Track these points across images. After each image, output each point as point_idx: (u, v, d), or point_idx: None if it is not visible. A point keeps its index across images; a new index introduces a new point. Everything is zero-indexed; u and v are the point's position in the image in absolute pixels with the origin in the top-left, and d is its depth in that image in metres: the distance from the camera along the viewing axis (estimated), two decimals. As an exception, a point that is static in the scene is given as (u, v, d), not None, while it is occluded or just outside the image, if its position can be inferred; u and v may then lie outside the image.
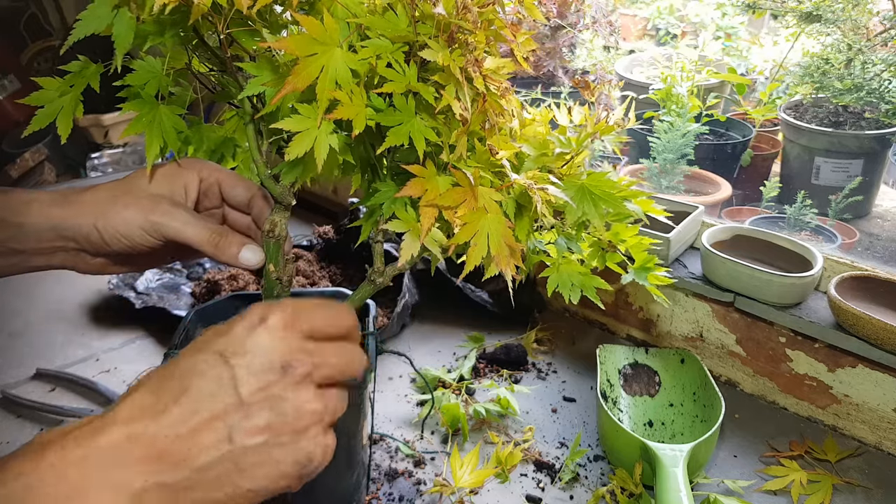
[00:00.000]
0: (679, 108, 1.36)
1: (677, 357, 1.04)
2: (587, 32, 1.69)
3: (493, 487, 0.91)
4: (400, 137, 0.50)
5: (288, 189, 0.61)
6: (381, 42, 0.48)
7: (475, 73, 0.48)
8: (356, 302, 0.71)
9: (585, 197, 0.60)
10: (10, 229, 0.61)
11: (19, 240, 0.61)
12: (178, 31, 0.50)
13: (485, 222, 0.51)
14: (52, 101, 0.53)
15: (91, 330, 1.27)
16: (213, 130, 0.61)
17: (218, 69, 0.55)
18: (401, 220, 0.55)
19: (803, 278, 0.97)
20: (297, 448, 0.46)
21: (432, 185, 0.51)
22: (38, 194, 0.62)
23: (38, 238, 0.62)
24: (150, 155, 0.53)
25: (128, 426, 0.44)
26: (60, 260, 0.66)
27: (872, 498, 0.90)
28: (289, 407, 0.46)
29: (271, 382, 0.46)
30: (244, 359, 0.46)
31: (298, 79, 0.44)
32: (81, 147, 1.82)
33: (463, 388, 1.07)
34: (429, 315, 1.30)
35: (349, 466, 0.76)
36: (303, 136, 0.47)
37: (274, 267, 0.65)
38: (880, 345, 0.89)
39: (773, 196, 1.31)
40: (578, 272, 0.66)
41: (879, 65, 1.23)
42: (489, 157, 0.54)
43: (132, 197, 0.59)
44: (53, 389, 1.10)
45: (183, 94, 0.56)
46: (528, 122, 0.63)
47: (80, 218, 0.60)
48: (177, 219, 0.59)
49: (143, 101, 0.53)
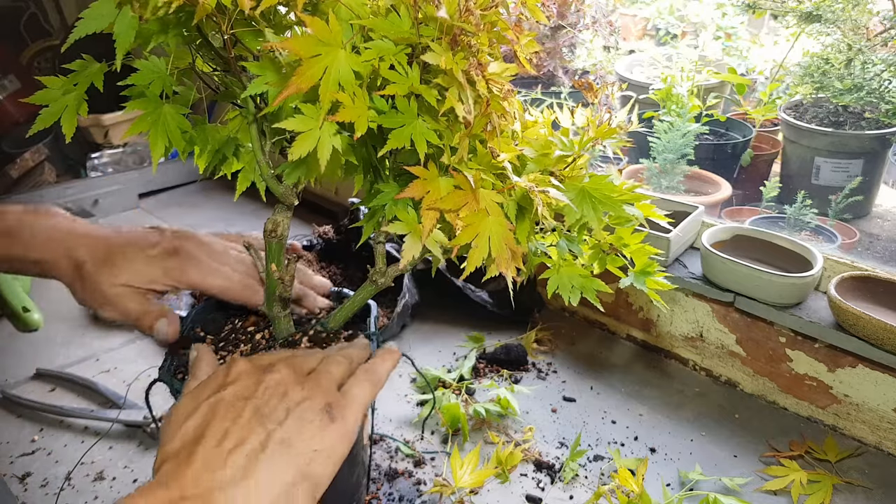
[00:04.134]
0: (679, 108, 1.36)
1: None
2: (587, 32, 1.69)
3: (493, 487, 0.91)
4: (402, 139, 0.50)
5: (291, 189, 0.61)
6: (384, 44, 0.48)
7: (478, 77, 0.48)
8: (358, 302, 0.72)
9: (585, 200, 0.60)
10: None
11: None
12: (182, 30, 0.50)
13: (486, 224, 0.52)
14: (57, 100, 0.53)
15: (91, 330, 1.27)
16: (217, 130, 0.61)
17: (222, 69, 0.55)
18: (402, 222, 0.55)
19: (803, 278, 0.97)
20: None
21: (434, 187, 0.51)
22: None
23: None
24: (155, 153, 0.53)
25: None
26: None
27: (872, 498, 0.90)
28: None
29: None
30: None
31: (302, 80, 0.44)
32: (81, 147, 1.82)
33: (463, 388, 1.07)
34: (429, 315, 1.30)
35: (349, 466, 0.76)
36: (306, 137, 0.48)
37: (276, 267, 0.65)
38: (880, 345, 0.89)
39: (773, 196, 1.31)
40: (579, 274, 0.66)
41: (879, 65, 1.23)
42: (490, 160, 0.54)
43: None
44: (53, 389, 1.10)
45: (186, 94, 0.56)
46: (530, 125, 0.63)
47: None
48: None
49: (147, 101, 0.53)
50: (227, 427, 0.51)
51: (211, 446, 0.49)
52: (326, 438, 0.53)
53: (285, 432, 0.51)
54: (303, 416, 0.53)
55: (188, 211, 1.82)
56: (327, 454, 0.52)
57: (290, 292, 0.68)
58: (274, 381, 0.55)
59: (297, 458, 0.51)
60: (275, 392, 0.54)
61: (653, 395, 1.10)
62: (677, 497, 0.87)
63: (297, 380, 0.56)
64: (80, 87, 0.53)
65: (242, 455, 0.49)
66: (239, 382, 0.55)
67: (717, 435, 1.01)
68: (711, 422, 1.04)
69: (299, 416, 0.53)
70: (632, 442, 1.00)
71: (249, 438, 0.50)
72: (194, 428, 0.51)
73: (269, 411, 0.53)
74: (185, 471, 0.48)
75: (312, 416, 0.53)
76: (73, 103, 0.53)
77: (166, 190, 1.94)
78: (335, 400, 0.56)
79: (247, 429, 0.51)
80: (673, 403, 1.08)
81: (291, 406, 0.53)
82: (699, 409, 1.07)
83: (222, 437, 0.50)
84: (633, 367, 1.18)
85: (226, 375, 0.56)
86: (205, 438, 0.50)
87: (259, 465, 0.49)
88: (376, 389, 0.60)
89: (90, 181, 1.79)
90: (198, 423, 0.52)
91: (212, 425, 0.51)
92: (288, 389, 0.55)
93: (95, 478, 0.92)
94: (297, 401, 0.54)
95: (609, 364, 1.19)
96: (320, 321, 0.74)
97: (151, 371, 1.04)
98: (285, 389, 0.54)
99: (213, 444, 0.49)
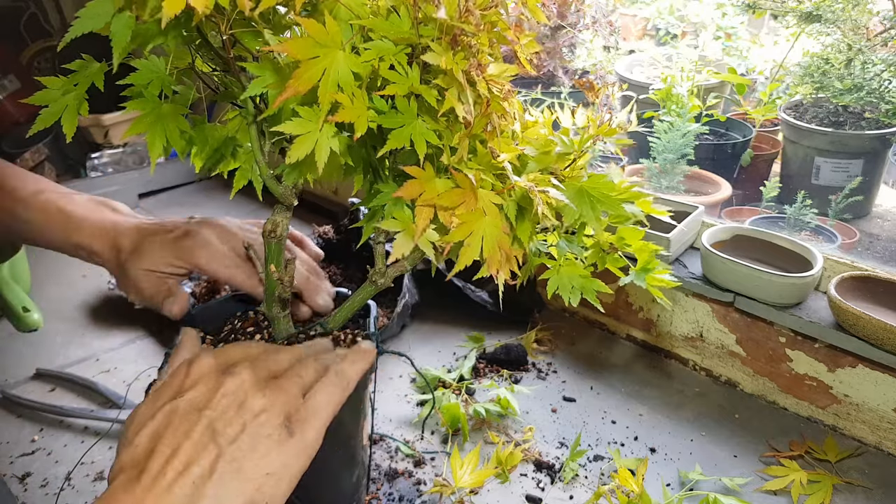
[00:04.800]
0: (679, 108, 1.36)
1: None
2: (587, 32, 1.69)
3: (493, 487, 0.91)
4: (401, 140, 0.50)
5: (290, 189, 0.61)
6: (383, 44, 0.48)
7: (478, 77, 0.48)
8: (358, 303, 0.72)
9: (584, 199, 0.60)
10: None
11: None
12: (181, 31, 0.50)
13: (481, 224, 0.51)
14: (57, 101, 0.53)
15: (91, 330, 1.27)
16: (216, 130, 0.61)
17: (221, 69, 0.55)
18: (396, 220, 0.55)
19: (803, 278, 0.97)
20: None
21: (430, 187, 0.51)
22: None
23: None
24: (153, 154, 0.53)
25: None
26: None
27: (872, 498, 0.90)
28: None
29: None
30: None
31: (300, 82, 0.44)
32: (81, 147, 1.82)
33: (463, 388, 1.07)
34: (429, 315, 1.30)
35: (349, 466, 0.76)
36: (304, 139, 0.48)
37: (275, 268, 0.65)
38: (880, 345, 0.89)
39: (773, 196, 1.31)
40: (579, 275, 0.66)
41: (879, 65, 1.23)
42: (490, 160, 0.54)
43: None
44: (53, 389, 1.10)
45: (186, 94, 0.56)
46: (530, 125, 0.63)
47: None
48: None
49: (146, 101, 0.53)
50: (179, 442, 0.49)
51: (157, 469, 0.48)
52: (281, 457, 0.51)
53: (237, 451, 0.50)
54: (258, 431, 0.51)
55: (188, 211, 1.81)
56: (279, 476, 0.51)
57: (289, 293, 0.68)
58: (233, 388, 0.53)
59: (247, 483, 0.49)
60: (232, 401, 0.52)
61: (653, 395, 1.10)
62: (677, 497, 0.87)
63: (258, 385, 0.54)
64: (81, 87, 0.53)
65: (189, 481, 0.48)
66: (197, 388, 0.53)
67: (717, 435, 1.01)
68: (711, 422, 1.04)
69: (254, 433, 0.51)
70: (632, 442, 1.00)
71: (199, 460, 0.49)
72: (148, 438, 0.50)
73: (222, 426, 0.51)
74: (134, 490, 0.47)
75: (269, 431, 0.51)
76: (74, 103, 0.53)
77: (166, 190, 1.94)
78: (296, 410, 0.54)
79: (197, 447, 0.49)
80: (673, 403, 1.08)
81: (248, 419, 0.51)
82: (699, 409, 1.07)
83: (172, 454, 0.49)
84: (633, 367, 1.18)
85: (185, 376, 0.55)
86: (155, 454, 0.49)
87: (206, 492, 0.48)
88: (345, 394, 0.58)
89: (90, 181, 1.79)
90: (151, 433, 0.51)
91: (164, 438, 0.50)
92: (247, 398, 0.53)
93: (95, 478, 0.92)
94: (255, 412, 0.52)
95: (609, 364, 1.19)
96: (320, 322, 0.74)
97: (151, 371, 1.04)
98: (244, 398, 0.52)
99: (162, 462, 0.48)
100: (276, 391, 0.54)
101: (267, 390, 0.54)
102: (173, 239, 0.76)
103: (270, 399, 0.53)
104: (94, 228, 0.78)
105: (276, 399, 0.53)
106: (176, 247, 0.75)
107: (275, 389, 0.54)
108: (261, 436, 0.51)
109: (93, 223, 0.78)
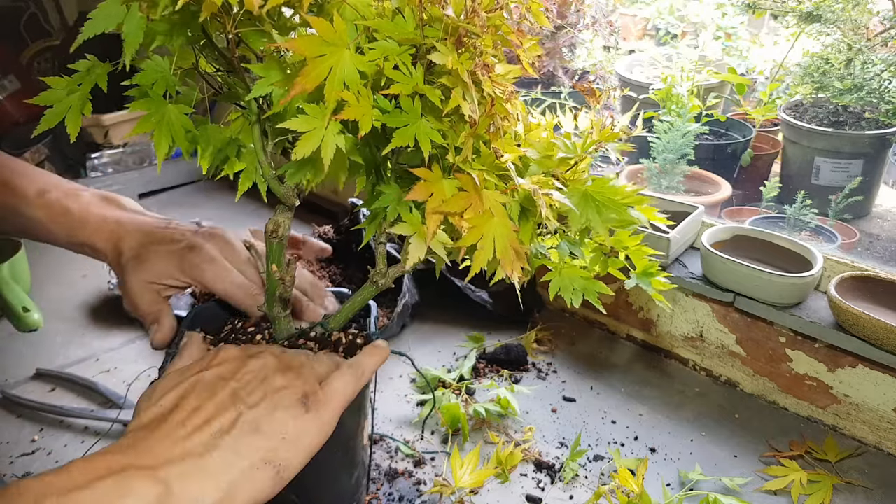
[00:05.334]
0: (679, 108, 1.36)
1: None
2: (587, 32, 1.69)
3: (493, 487, 0.91)
4: (406, 139, 0.50)
5: (292, 190, 0.61)
6: (388, 44, 0.48)
7: (483, 77, 0.49)
8: (358, 303, 0.72)
9: (589, 203, 0.60)
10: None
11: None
12: (187, 31, 0.50)
13: (491, 225, 0.52)
14: (61, 101, 0.53)
15: (91, 330, 1.27)
16: (219, 130, 0.61)
17: (225, 69, 0.55)
18: (406, 223, 0.55)
19: (803, 278, 0.97)
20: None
21: (438, 189, 0.51)
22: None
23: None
24: (159, 153, 0.53)
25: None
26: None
27: (872, 498, 0.90)
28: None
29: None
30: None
31: (307, 79, 0.44)
32: (81, 147, 1.82)
33: (463, 388, 1.07)
34: (429, 315, 1.30)
35: (349, 466, 0.76)
36: (310, 136, 0.48)
37: (277, 267, 0.65)
38: (880, 345, 0.90)
39: (773, 196, 1.31)
40: (580, 276, 0.66)
41: (879, 65, 1.24)
42: (494, 161, 0.54)
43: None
44: (53, 389, 1.10)
45: (189, 94, 0.56)
46: (533, 127, 0.64)
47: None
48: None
49: (151, 101, 0.53)
50: (200, 404, 0.52)
51: (178, 420, 0.50)
52: (297, 427, 0.53)
53: (256, 414, 0.52)
54: (278, 402, 0.54)
55: (188, 211, 1.82)
56: (295, 442, 0.53)
57: (290, 293, 0.68)
58: (257, 366, 0.56)
59: (264, 442, 0.51)
60: (256, 376, 0.55)
61: (653, 395, 1.10)
62: (677, 497, 0.88)
63: (279, 368, 0.57)
64: (85, 88, 0.53)
65: (208, 433, 0.49)
66: (223, 365, 0.56)
67: (717, 435, 1.01)
68: (711, 422, 1.04)
69: (274, 402, 0.54)
70: (632, 442, 1.00)
71: (219, 417, 0.51)
72: (169, 402, 0.52)
73: (245, 394, 0.54)
74: (145, 441, 0.48)
75: (288, 404, 0.54)
76: (78, 103, 0.53)
77: (166, 190, 1.94)
78: (313, 391, 0.57)
79: (219, 407, 0.51)
80: (673, 403, 1.08)
81: (269, 391, 0.54)
82: (699, 409, 1.07)
83: (192, 412, 0.51)
84: (633, 367, 1.18)
85: (212, 358, 0.58)
86: (175, 412, 0.51)
87: (222, 444, 0.49)
88: (360, 383, 0.61)
89: (90, 181, 1.79)
90: (173, 398, 0.53)
91: (186, 400, 0.52)
92: (268, 375, 0.56)
93: (96, 478, 0.92)
94: (276, 388, 0.55)
95: (609, 364, 1.19)
96: (321, 322, 0.74)
97: (151, 371, 1.04)
98: (266, 375, 0.56)
99: (182, 419, 0.50)
100: (297, 374, 0.57)
101: (289, 373, 0.57)
102: (178, 252, 0.75)
103: (290, 380, 0.56)
104: (97, 225, 0.77)
105: (295, 380, 0.56)
106: (181, 260, 0.74)
107: (296, 372, 0.57)
108: (279, 406, 0.54)
109: (97, 220, 0.77)
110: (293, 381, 0.56)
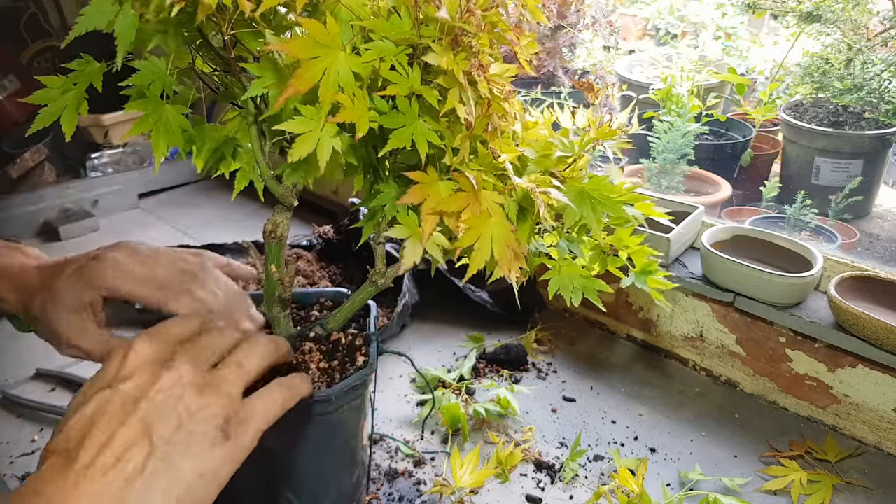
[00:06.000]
0: (679, 108, 1.36)
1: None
2: (587, 32, 1.69)
3: (493, 487, 0.91)
4: (402, 140, 0.50)
5: (290, 190, 0.61)
6: (384, 45, 0.48)
7: (479, 77, 0.48)
8: (358, 303, 0.72)
9: (585, 201, 0.60)
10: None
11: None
12: (183, 31, 0.50)
13: (488, 226, 0.51)
14: (56, 100, 0.53)
15: (91, 330, 1.27)
16: (216, 130, 0.61)
17: (221, 70, 0.55)
18: (402, 226, 0.55)
19: (803, 278, 0.97)
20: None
21: (433, 191, 0.51)
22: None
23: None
24: (157, 154, 0.53)
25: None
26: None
27: (872, 498, 0.90)
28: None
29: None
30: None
31: (301, 81, 0.44)
32: (81, 147, 1.82)
33: (463, 388, 1.07)
34: (429, 315, 1.30)
35: (349, 466, 0.76)
36: (306, 138, 0.48)
37: (276, 268, 0.65)
38: (880, 345, 0.90)
39: (773, 196, 1.31)
40: (580, 275, 0.66)
41: (879, 65, 1.23)
42: (491, 161, 0.54)
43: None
44: (53, 389, 1.10)
45: (186, 94, 0.56)
46: (530, 126, 0.63)
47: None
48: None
49: (147, 101, 0.53)
50: (113, 431, 0.48)
51: (90, 456, 0.47)
52: (215, 459, 0.49)
53: (170, 450, 0.48)
54: (195, 429, 0.49)
55: (188, 211, 1.82)
56: (211, 478, 0.49)
57: (289, 293, 0.68)
58: (170, 383, 0.51)
59: (179, 482, 0.48)
60: (169, 395, 0.50)
61: (653, 395, 1.10)
62: (677, 497, 0.87)
63: (196, 381, 0.52)
64: (80, 87, 0.53)
65: (121, 477, 0.46)
66: (134, 378, 0.51)
67: (717, 435, 1.01)
68: (711, 422, 1.04)
69: (191, 430, 0.49)
70: (632, 442, 1.00)
71: (130, 456, 0.47)
72: (82, 424, 0.49)
73: (157, 421, 0.49)
74: (62, 480, 0.46)
75: (206, 429, 0.50)
76: (73, 102, 0.53)
77: (166, 190, 1.94)
78: (234, 412, 0.52)
79: (130, 442, 0.48)
80: (673, 403, 1.08)
81: (184, 417, 0.50)
82: (699, 409, 1.07)
83: (101, 448, 0.47)
84: (633, 367, 1.18)
85: (122, 364, 0.52)
86: (82, 450, 0.47)
87: (133, 491, 0.46)
88: (287, 405, 0.56)
89: (90, 181, 1.79)
90: (82, 426, 0.49)
91: (98, 425, 0.48)
92: (185, 394, 0.51)
93: (95, 478, 0.92)
94: (192, 411, 0.50)
95: (609, 364, 1.19)
96: (320, 322, 0.74)
97: (151, 371, 1.04)
98: (181, 393, 0.50)
99: (93, 453, 0.47)
100: (216, 392, 0.52)
101: (206, 389, 0.52)
102: (79, 268, 0.72)
103: (208, 399, 0.51)
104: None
105: (215, 399, 0.51)
106: (84, 274, 0.71)
107: (214, 389, 0.52)
108: (196, 434, 0.49)
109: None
110: (211, 401, 0.51)
